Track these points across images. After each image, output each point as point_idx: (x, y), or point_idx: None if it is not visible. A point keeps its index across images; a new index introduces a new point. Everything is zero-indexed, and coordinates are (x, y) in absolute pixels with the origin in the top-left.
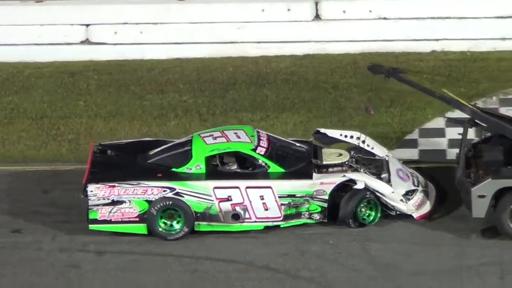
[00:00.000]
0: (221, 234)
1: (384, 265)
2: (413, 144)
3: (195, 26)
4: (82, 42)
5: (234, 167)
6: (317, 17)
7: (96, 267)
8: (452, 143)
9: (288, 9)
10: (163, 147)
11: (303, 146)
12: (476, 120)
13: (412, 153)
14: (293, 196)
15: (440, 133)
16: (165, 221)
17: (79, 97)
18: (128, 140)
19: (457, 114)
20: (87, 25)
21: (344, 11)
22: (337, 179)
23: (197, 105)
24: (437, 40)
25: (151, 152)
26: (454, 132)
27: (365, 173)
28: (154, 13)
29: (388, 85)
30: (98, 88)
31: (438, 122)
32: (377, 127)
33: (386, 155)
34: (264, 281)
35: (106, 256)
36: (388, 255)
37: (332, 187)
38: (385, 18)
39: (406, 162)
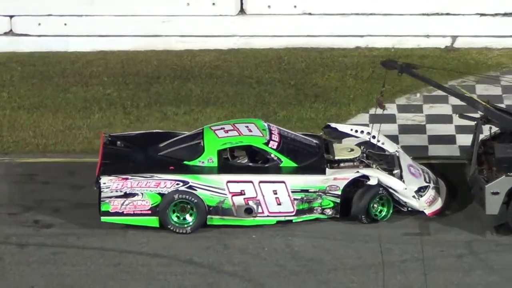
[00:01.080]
0: (144, 227)
1: (307, 260)
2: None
3: (120, 18)
4: (6, 34)
5: (245, 160)
6: (242, 11)
7: (18, 260)
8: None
9: (213, 3)
10: (173, 139)
11: (313, 140)
12: (489, 117)
13: None
14: (306, 191)
15: None
16: (178, 214)
17: (2, 89)
18: (137, 132)
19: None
20: (11, 17)
21: (269, 6)
22: (350, 175)
23: (121, 98)
24: (361, 36)
25: (162, 145)
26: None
27: (378, 169)
28: (79, 5)
29: (312, 80)
30: (22, 79)
31: (362, 118)
32: (302, 122)
33: (397, 151)
34: (187, 275)
35: (28, 249)
36: (311, 251)
37: (345, 182)
38: (310, 14)
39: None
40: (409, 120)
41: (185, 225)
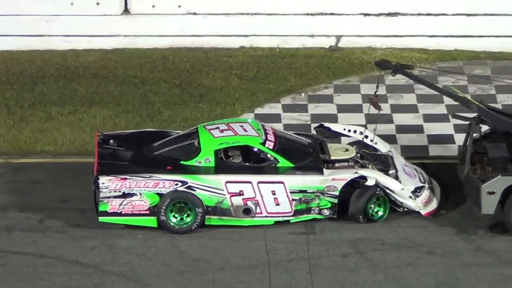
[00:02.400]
0: (27, 227)
1: (193, 260)
2: None
3: (3, 18)
4: None
5: (239, 160)
6: (126, 11)
7: None
8: None
9: (97, 3)
10: (167, 139)
11: (306, 140)
12: (482, 117)
13: None
14: (305, 191)
15: None
16: (175, 214)
17: None
18: (130, 131)
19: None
20: None
21: (153, 6)
22: (348, 175)
23: (5, 98)
24: (246, 36)
25: (156, 144)
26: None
27: (374, 169)
28: None
29: (197, 80)
30: None
31: (247, 117)
32: (187, 122)
33: (389, 151)
34: (73, 276)
35: None
36: (197, 250)
37: (343, 183)
38: (194, 14)
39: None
40: (294, 120)
41: (184, 225)
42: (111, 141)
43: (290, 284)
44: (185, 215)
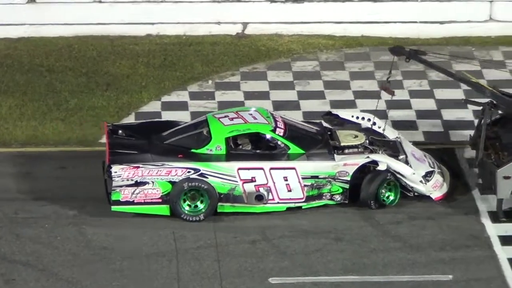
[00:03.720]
0: None
1: (100, 248)
2: None
3: None
4: None
5: (248, 148)
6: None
7: None
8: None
9: None
10: (176, 128)
11: (314, 127)
12: (496, 103)
13: None
14: (316, 177)
15: (156, 116)
16: (189, 203)
17: None
18: (138, 121)
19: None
20: None
21: None
22: (360, 160)
23: None
24: (152, 23)
25: (165, 133)
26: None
27: (384, 154)
28: None
29: (104, 68)
30: None
31: (154, 106)
32: (94, 110)
33: (397, 137)
34: None
35: None
36: (104, 239)
37: (355, 168)
38: (100, 1)
39: None
40: (201, 107)
41: (199, 213)
42: (120, 131)
43: (198, 271)
44: (198, 202)
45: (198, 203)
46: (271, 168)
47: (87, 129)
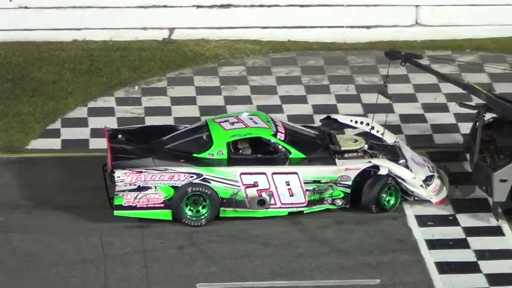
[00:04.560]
0: None
1: (27, 256)
2: (55, 133)
3: None
4: None
5: (248, 152)
6: None
7: None
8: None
9: None
10: (176, 133)
11: (313, 132)
12: (490, 106)
13: (55, 143)
14: (318, 182)
15: (82, 122)
16: (191, 208)
17: None
18: (137, 126)
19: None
20: None
21: None
22: (362, 165)
23: None
24: (78, 29)
25: (165, 138)
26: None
27: (384, 159)
28: None
29: (30, 74)
30: None
31: (80, 112)
32: (20, 116)
33: (396, 141)
34: None
35: None
36: (31, 246)
37: (356, 172)
38: (26, 7)
39: None
40: (128, 113)
41: (201, 217)
42: (120, 135)
43: (126, 277)
44: (200, 206)
45: (200, 208)
46: (274, 173)
47: (13, 135)
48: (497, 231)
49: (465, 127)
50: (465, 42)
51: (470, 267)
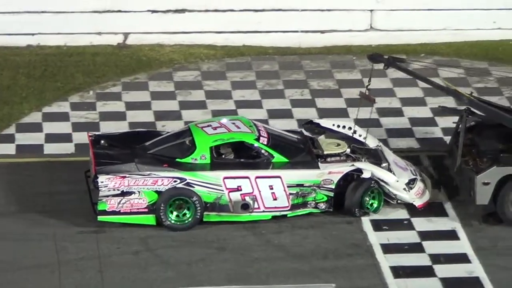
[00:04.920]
0: None
1: None
2: (10, 139)
3: None
4: None
5: (231, 157)
6: None
7: None
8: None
9: None
10: (158, 138)
11: (295, 136)
12: (473, 109)
13: (9, 148)
14: (301, 185)
15: (37, 128)
16: (174, 211)
17: None
18: (120, 131)
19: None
20: None
21: None
22: (345, 168)
23: None
24: (33, 34)
25: (148, 143)
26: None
27: (367, 162)
28: None
29: None
30: None
31: (35, 117)
32: None
33: (378, 145)
34: None
35: None
36: None
37: (339, 176)
38: None
39: None
40: (82, 118)
41: (184, 222)
42: (102, 141)
43: (81, 283)
44: (182, 212)
45: (181, 214)
46: (257, 177)
47: None
48: (452, 235)
49: (448, 131)
50: (420, 46)
51: (425, 271)
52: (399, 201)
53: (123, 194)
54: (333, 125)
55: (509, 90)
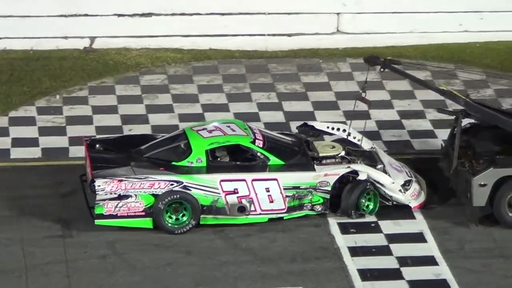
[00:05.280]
0: None
1: None
2: None
3: None
4: None
5: (226, 160)
6: None
7: None
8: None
9: None
10: (154, 141)
11: (290, 138)
12: (469, 111)
13: None
14: (298, 188)
15: (3, 132)
16: (171, 215)
17: None
18: (115, 135)
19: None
20: None
21: None
22: (341, 170)
23: None
24: None
25: (143, 147)
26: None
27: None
28: None
29: None
30: None
31: (1, 121)
32: None
33: (372, 147)
34: None
35: None
36: None
37: (335, 178)
38: None
39: None
40: (49, 122)
41: (182, 225)
42: (97, 145)
43: (48, 287)
44: (180, 215)
45: (181, 215)
46: (253, 180)
47: None
48: (419, 238)
49: (443, 133)
50: (387, 49)
51: (392, 274)
52: (394, 203)
53: (120, 197)
54: (328, 127)
55: (475, 93)
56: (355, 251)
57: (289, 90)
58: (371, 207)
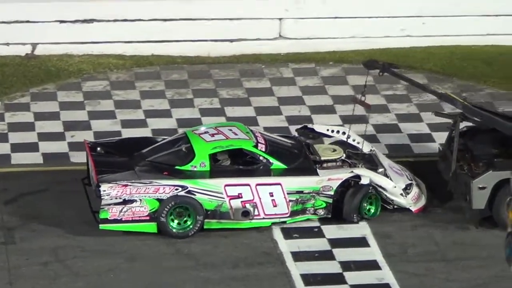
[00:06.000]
0: None
1: None
2: None
3: None
4: None
5: (227, 163)
6: None
7: None
8: None
9: None
10: (155, 145)
11: (291, 142)
12: (467, 115)
13: None
14: (301, 192)
15: None
16: (174, 219)
17: None
18: (116, 138)
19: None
20: None
21: None
22: (344, 175)
23: None
24: None
25: (145, 151)
26: None
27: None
28: None
29: None
30: None
31: None
32: None
33: (372, 150)
34: None
35: None
36: None
37: (338, 182)
38: None
39: None
40: None
41: (186, 230)
42: (98, 148)
43: None
44: (184, 219)
45: (182, 221)
46: (257, 184)
47: None
48: (362, 243)
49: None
50: (328, 54)
51: (335, 279)
52: (395, 206)
53: (125, 202)
54: (328, 130)
55: (417, 98)
56: (298, 256)
57: (231, 95)
58: (372, 211)
